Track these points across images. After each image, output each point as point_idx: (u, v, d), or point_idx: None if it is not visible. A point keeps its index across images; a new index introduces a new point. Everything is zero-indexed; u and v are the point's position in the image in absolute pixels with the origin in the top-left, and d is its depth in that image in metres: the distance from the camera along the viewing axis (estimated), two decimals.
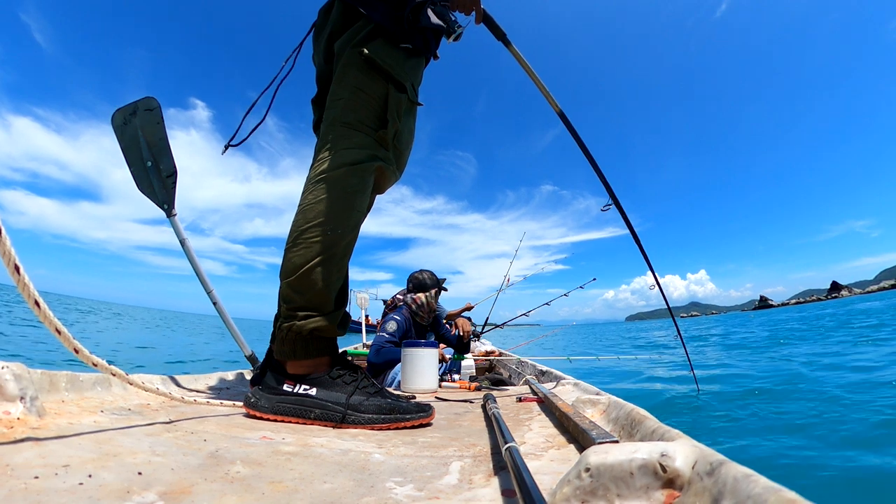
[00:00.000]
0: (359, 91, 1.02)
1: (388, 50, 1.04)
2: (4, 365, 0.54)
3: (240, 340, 1.50)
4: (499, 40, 1.37)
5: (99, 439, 0.53)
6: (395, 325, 2.20)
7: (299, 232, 0.95)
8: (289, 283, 0.94)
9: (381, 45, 1.04)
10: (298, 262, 0.93)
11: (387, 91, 1.04)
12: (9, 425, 0.50)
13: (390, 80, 1.04)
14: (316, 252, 0.93)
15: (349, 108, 1.02)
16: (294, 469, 0.54)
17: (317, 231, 0.94)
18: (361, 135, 1.02)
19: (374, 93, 1.03)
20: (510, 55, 1.42)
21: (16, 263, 0.48)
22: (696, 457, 0.39)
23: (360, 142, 1.01)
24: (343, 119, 1.02)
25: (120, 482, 0.41)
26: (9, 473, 0.39)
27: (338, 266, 0.97)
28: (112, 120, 1.47)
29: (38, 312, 0.51)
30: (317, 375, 0.92)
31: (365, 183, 1.02)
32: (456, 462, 0.61)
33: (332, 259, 0.95)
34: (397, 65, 1.05)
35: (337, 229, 0.96)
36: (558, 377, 1.92)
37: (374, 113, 1.03)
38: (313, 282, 0.93)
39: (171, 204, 1.44)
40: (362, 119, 1.02)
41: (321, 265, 0.94)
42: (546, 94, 1.50)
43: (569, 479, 0.40)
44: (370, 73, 1.03)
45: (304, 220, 0.95)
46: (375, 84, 1.03)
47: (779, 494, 0.28)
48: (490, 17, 1.28)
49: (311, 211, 0.95)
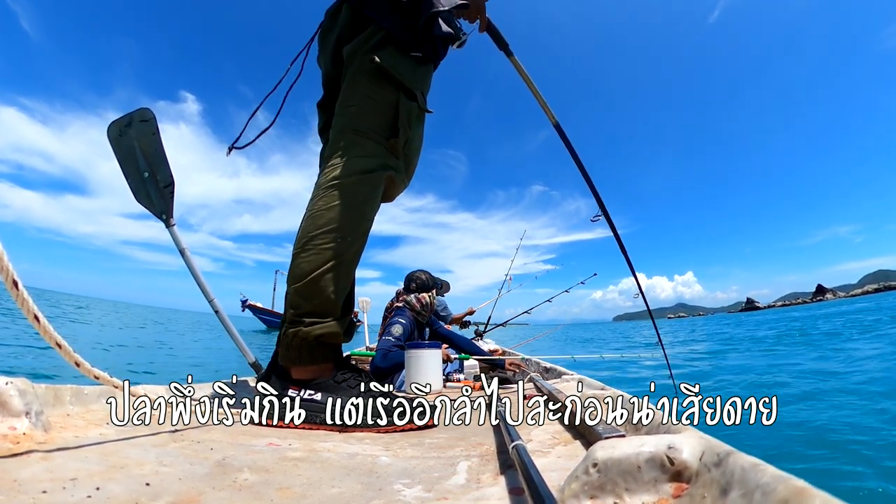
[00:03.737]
0: (369, 99, 1.02)
1: (399, 58, 1.04)
2: (8, 381, 0.53)
3: (242, 347, 1.50)
4: (500, 50, 1.37)
5: (105, 451, 0.53)
6: (400, 328, 2.20)
7: (309, 238, 0.95)
8: (297, 288, 0.93)
9: (392, 52, 1.03)
10: (307, 268, 0.93)
11: (397, 99, 1.03)
12: (15, 440, 0.50)
13: (401, 88, 1.04)
14: (325, 259, 0.93)
15: (360, 115, 1.02)
16: (302, 474, 0.54)
17: (327, 238, 0.94)
18: (372, 143, 1.02)
19: (384, 101, 1.03)
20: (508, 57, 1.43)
21: (14, 279, 0.48)
22: (703, 448, 0.39)
23: (371, 150, 1.01)
24: (354, 127, 1.02)
25: (128, 494, 0.41)
26: (17, 489, 0.39)
27: (346, 273, 0.97)
28: (108, 132, 1.47)
29: (38, 327, 0.51)
30: (321, 380, 0.92)
31: (375, 192, 1.02)
32: (463, 462, 0.61)
33: (340, 266, 0.95)
34: (408, 73, 1.05)
35: (346, 237, 0.96)
36: (562, 373, 1.92)
37: (385, 121, 1.03)
38: (321, 288, 0.93)
39: (169, 214, 1.44)
40: (373, 127, 1.02)
41: (330, 272, 0.93)
42: (544, 105, 1.51)
43: (577, 475, 0.40)
44: (381, 81, 1.02)
45: (314, 227, 0.95)
46: (386, 92, 1.03)
47: (787, 483, 0.28)
48: (494, 27, 1.29)
49: (322, 217, 0.95)
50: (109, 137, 1.47)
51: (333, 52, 1.13)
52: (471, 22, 1.23)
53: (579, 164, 1.60)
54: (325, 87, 1.23)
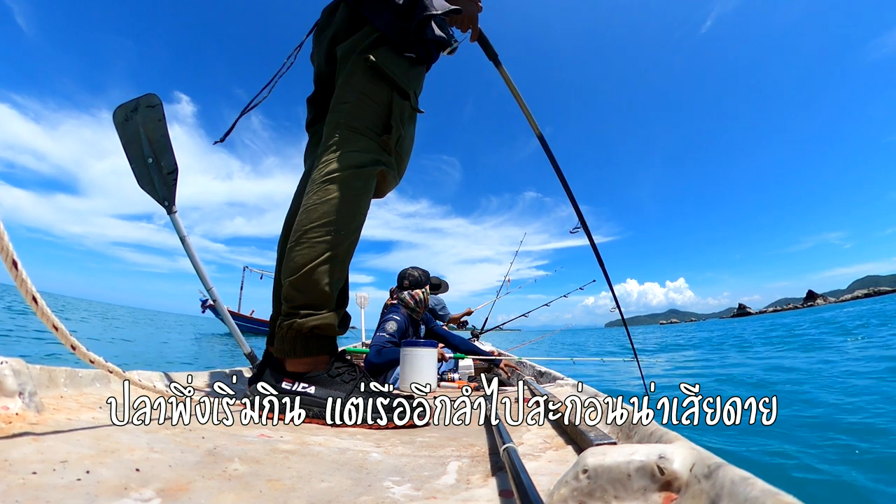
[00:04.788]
0: (364, 96, 1.05)
1: (394, 58, 1.07)
2: (3, 360, 0.53)
3: (239, 338, 1.50)
4: (490, 60, 1.42)
5: (97, 435, 0.53)
6: (394, 324, 2.20)
7: (303, 231, 0.96)
8: (291, 281, 0.94)
9: (386, 52, 1.06)
10: (301, 261, 0.94)
11: (391, 98, 1.06)
12: (7, 420, 0.50)
13: (395, 87, 1.06)
14: (319, 252, 0.94)
15: (354, 112, 1.04)
16: (292, 467, 0.54)
17: (321, 231, 0.95)
18: (366, 139, 1.04)
19: (378, 99, 1.05)
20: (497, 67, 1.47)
21: (14, 259, 0.48)
22: (694, 459, 0.39)
23: (364, 145, 1.03)
24: (348, 123, 1.04)
25: (118, 479, 0.41)
26: (7, 468, 0.39)
27: (340, 266, 0.98)
28: (114, 116, 1.47)
29: (36, 308, 0.51)
30: (315, 373, 0.92)
31: (368, 186, 1.04)
32: (454, 462, 0.61)
33: (334, 259, 0.96)
34: (402, 73, 1.08)
35: (340, 230, 0.97)
36: (556, 378, 1.92)
37: (379, 118, 1.06)
38: (315, 281, 0.94)
39: (171, 201, 1.45)
40: (367, 124, 1.04)
41: (324, 264, 0.95)
42: (528, 116, 1.56)
43: (566, 481, 0.40)
44: (375, 79, 1.05)
45: (308, 220, 0.96)
46: (380, 90, 1.05)
47: (776, 498, 0.28)
48: (485, 38, 1.33)
49: (316, 211, 0.97)
50: (115, 122, 1.47)
51: (328, 50, 1.16)
52: (462, 31, 1.27)
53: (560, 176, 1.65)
54: (316, 84, 1.26)
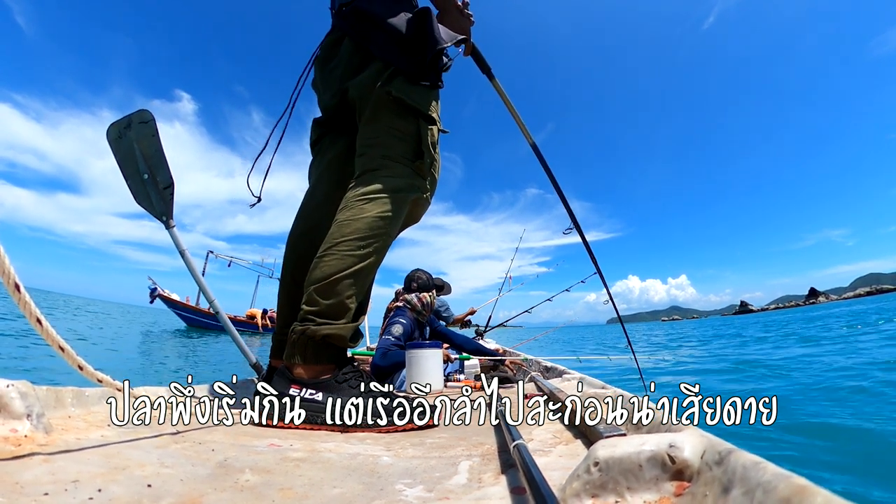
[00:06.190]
0: (392, 129, 1.09)
1: (411, 87, 1.11)
2: (9, 383, 0.53)
3: (243, 349, 1.50)
4: (483, 73, 1.45)
5: (107, 453, 0.53)
6: (400, 328, 2.20)
7: (334, 243, 1.00)
8: (315, 288, 0.97)
9: (402, 83, 1.10)
10: (329, 271, 0.97)
11: (418, 125, 1.11)
12: (16, 443, 0.50)
13: (419, 115, 1.11)
14: (348, 264, 0.98)
15: (387, 145, 1.09)
16: (303, 475, 0.54)
17: (351, 245, 0.99)
18: (401, 166, 1.09)
19: (406, 129, 1.10)
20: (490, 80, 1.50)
21: (16, 282, 0.48)
22: (705, 446, 0.39)
23: (400, 171, 1.09)
24: (383, 153, 1.09)
25: (130, 495, 0.41)
26: (19, 491, 0.39)
27: (362, 282, 1.02)
28: (107, 134, 1.47)
29: (41, 330, 0.51)
30: (323, 380, 0.93)
31: (401, 212, 1.08)
32: (465, 461, 0.61)
33: (358, 274, 1.00)
34: (423, 100, 1.12)
35: (368, 248, 1.01)
36: (563, 372, 1.92)
37: (411, 147, 1.10)
38: (339, 291, 0.97)
39: (169, 215, 1.44)
40: (399, 152, 1.09)
41: (349, 277, 0.98)
42: (522, 127, 1.59)
43: (578, 474, 0.40)
44: (400, 111, 1.09)
45: (340, 234, 1.00)
46: (406, 122, 1.10)
47: (789, 481, 0.28)
48: (478, 51, 1.37)
49: (349, 227, 1.01)
50: (109, 139, 1.46)
51: (338, 87, 1.19)
52: (456, 46, 1.31)
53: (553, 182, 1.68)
54: (322, 109, 1.29)
